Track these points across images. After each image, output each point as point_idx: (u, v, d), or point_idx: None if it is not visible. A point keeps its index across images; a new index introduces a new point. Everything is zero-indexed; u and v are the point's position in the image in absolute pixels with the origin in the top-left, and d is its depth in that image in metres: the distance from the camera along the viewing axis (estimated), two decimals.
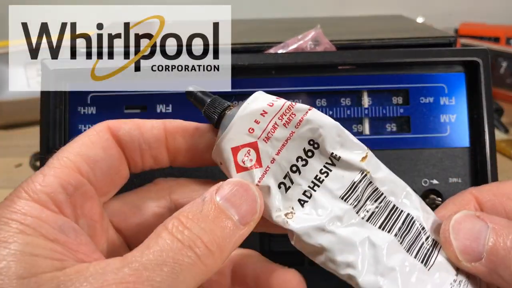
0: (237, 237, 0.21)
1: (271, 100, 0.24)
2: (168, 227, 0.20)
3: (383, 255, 0.22)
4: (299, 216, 0.23)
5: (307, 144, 0.24)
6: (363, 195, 0.23)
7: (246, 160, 0.23)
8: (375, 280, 0.22)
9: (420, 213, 0.24)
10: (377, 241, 0.22)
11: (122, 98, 0.36)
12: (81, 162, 0.22)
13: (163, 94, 0.36)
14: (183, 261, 0.19)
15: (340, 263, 0.22)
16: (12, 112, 0.71)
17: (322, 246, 0.23)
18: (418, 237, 0.23)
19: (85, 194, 0.22)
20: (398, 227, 0.23)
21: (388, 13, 0.68)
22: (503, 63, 0.76)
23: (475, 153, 0.36)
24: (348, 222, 0.23)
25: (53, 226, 0.20)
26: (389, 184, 0.24)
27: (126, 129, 0.24)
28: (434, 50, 0.36)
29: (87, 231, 0.22)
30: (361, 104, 0.37)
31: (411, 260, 0.23)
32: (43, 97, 0.35)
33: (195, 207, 0.21)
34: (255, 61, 0.36)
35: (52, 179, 0.21)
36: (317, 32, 0.41)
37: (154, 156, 0.25)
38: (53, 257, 0.19)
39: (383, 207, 0.24)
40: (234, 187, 0.22)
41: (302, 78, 0.37)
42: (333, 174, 0.23)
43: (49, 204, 0.20)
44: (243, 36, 0.45)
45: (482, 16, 0.93)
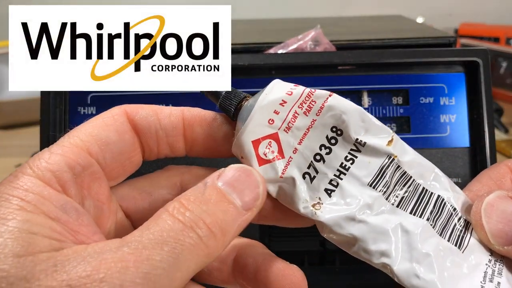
0: (240, 222, 0.21)
1: (289, 88, 0.23)
2: (169, 209, 0.20)
3: (417, 241, 0.22)
4: (327, 206, 0.23)
5: (329, 131, 0.23)
6: (392, 181, 0.23)
7: (267, 152, 0.23)
8: (411, 267, 0.21)
9: (450, 193, 0.24)
10: (409, 227, 0.22)
11: (122, 98, 0.36)
12: (91, 142, 0.22)
13: (163, 94, 0.36)
14: (184, 241, 0.18)
15: (374, 252, 0.22)
16: (12, 112, 0.71)
17: (354, 236, 0.22)
18: (450, 219, 0.23)
19: (93, 174, 0.22)
20: (429, 211, 0.23)
21: (388, 13, 0.68)
22: (503, 63, 0.76)
23: (475, 153, 0.36)
24: (378, 210, 0.22)
25: (55, 204, 0.19)
26: (417, 167, 0.23)
27: (143, 114, 0.24)
28: (434, 50, 0.36)
29: (93, 212, 0.22)
30: (361, 104, 0.37)
31: (445, 243, 0.22)
32: (43, 97, 0.35)
33: (197, 191, 0.21)
34: (255, 61, 0.36)
35: (59, 157, 0.20)
36: (317, 32, 0.41)
37: (171, 144, 0.24)
38: (52, 236, 0.18)
39: (412, 191, 0.23)
40: (236, 172, 0.22)
41: (302, 78, 0.37)
42: (359, 161, 0.23)
43: (52, 182, 0.20)
44: (243, 36, 0.45)
45: (482, 16, 0.93)
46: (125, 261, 0.17)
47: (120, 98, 0.36)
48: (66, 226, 0.19)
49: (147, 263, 0.17)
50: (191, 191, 0.21)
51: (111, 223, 0.23)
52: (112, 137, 0.22)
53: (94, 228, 0.20)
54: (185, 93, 0.36)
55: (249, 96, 0.24)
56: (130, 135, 0.23)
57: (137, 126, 0.23)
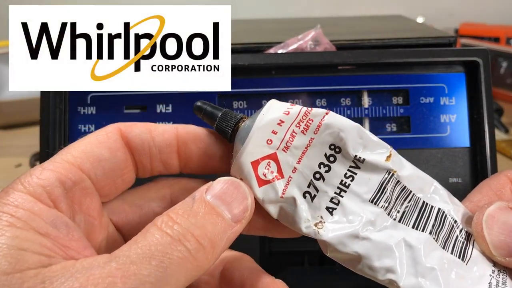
0: (230, 234, 0.21)
1: (286, 108, 0.23)
2: (157, 223, 0.20)
3: (421, 255, 0.22)
4: (330, 225, 0.22)
5: (328, 149, 0.23)
6: (392, 196, 0.23)
7: (267, 173, 0.23)
8: (417, 282, 0.21)
9: (450, 206, 0.24)
10: (413, 242, 0.22)
11: (122, 98, 0.36)
12: (83, 158, 0.22)
13: (163, 94, 0.36)
14: (172, 254, 0.18)
15: (379, 268, 0.22)
16: (12, 112, 0.71)
17: (358, 253, 0.22)
18: (452, 231, 0.23)
19: (84, 190, 0.22)
20: (431, 224, 0.23)
21: (388, 13, 0.68)
22: (503, 63, 0.76)
23: (475, 153, 0.36)
24: (381, 226, 0.22)
25: (45, 220, 0.19)
26: (416, 181, 0.23)
27: (136, 131, 0.24)
28: (434, 50, 0.36)
29: (84, 227, 0.22)
30: (361, 104, 0.37)
31: (448, 256, 0.22)
32: (43, 97, 0.35)
33: (186, 205, 0.21)
34: (255, 61, 0.36)
35: (50, 173, 0.20)
36: (317, 32, 0.41)
37: (164, 161, 0.25)
38: (41, 252, 0.18)
39: (413, 205, 0.23)
40: (224, 184, 0.22)
41: (302, 78, 0.37)
42: (358, 178, 0.23)
43: (43, 197, 0.20)
44: (243, 36, 0.45)
45: (482, 16, 0.93)
46: (112, 277, 0.17)
47: (120, 98, 0.36)
48: (56, 241, 0.19)
49: (134, 278, 0.17)
50: (180, 204, 0.21)
51: (102, 238, 0.23)
52: (104, 154, 0.23)
53: (84, 243, 0.20)
54: (185, 93, 0.36)
55: (246, 117, 0.24)
56: (122, 152, 0.23)
57: (130, 144, 0.24)
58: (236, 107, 0.36)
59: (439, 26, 0.57)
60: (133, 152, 0.24)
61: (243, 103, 0.36)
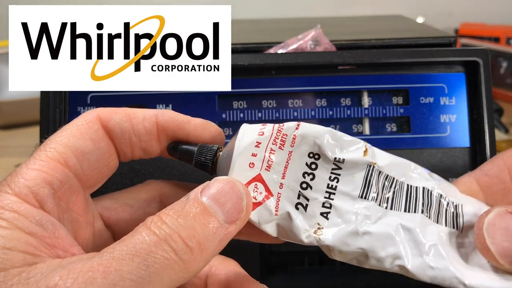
0: (222, 236, 0.20)
1: (259, 130, 0.24)
2: (147, 223, 0.19)
3: (419, 235, 0.22)
4: (328, 229, 0.23)
5: (308, 158, 0.24)
6: (379, 187, 0.24)
7: (256, 195, 0.23)
8: (423, 261, 0.22)
9: (433, 182, 0.25)
10: (409, 224, 0.23)
11: (122, 98, 0.36)
12: (69, 154, 0.22)
13: (163, 94, 0.36)
14: (156, 253, 0.18)
15: (385, 258, 0.22)
16: (12, 112, 0.71)
17: (363, 249, 0.23)
18: (440, 205, 0.24)
19: (71, 188, 0.22)
20: (421, 204, 0.24)
21: (388, 13, 0.68)
22: (503, 63, 0.76)
23: (475, 153, 0.36)
24: (376, 217, 0.23)
25: (31, 220, 0.19)
26: (396, 167, 0.24)
27: (116, 119, 0.24)
28: (434, 50, 0.36)
29: (70, 225, 0.22)
30: (361, 104, 0.37)
31: (444, 229, 0.23)
32: (43, 97, 0.35)
33: (178, 206, 0.20)
34: (255, 61, 0.36)
35: (36, 173, 0.20)
36: (317, 32, 0.41)
37: (144, 148, 0.25)
38: (26, 250, 0.18)
39: (399, 191, 0.24)
40: (220, 184, 0.21)
41: (302, 78, 0.37)
42: (343, 178, 0.23)
43: (29, 198, 0.20)
44: (243, 36, 0.45)
45: (482, 16, 0.93)
46: (93, 271, 0.17)
47: (120, 98, 0.36)
48: (42, 240, 0.19)
49: (115, 274, 0.17)
50: (173, 205, 0.21)
51: (89, 234, 0.23)
52: (88, 146, 0.22)
53: (71, 241, 0.20)
54: (185, 93, 0.36)
55: (221, 146, 0.25)
56: (105, 142, 0.23)
57: (111, 133, 0.24)
58: (236, 107, 0.36)
59: (439, 26, 0.57)
60: (114, 140, 0.24)
61: (243, 103, 0.36)
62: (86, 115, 0.23)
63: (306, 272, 0.39)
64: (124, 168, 0.34)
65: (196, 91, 0.36)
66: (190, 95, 0.36)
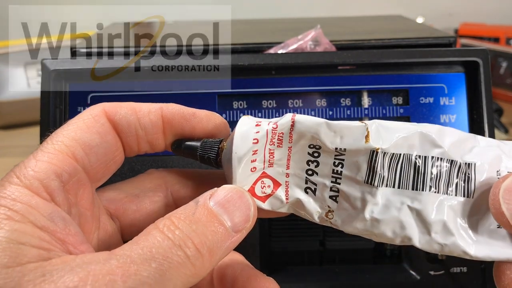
0: (229, 244, 0.21)
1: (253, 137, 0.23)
2: (159, 226, 0.20)
3: (427, 214, 0.22)
4: (338, 212, 0.24)
5: (309, 149, 0.24)
6: (384, 169, 0.23)
7: (265, 189, 0.24)
8: (430, 239, 0.22)
9: (442, 148, 0.23)
10: (416, 205, 0.23)
11: (122, 98, 0.36)
12: (76, 147, 0.21)
13: (163, 94, 0.36)
14: (172, 259, 0.19)
15: (394, 238, 0.23)
16: (12, 112, 0.71)
17: (372, 232, 0.23)
18: (451, 173, 0.23)
19: (79, 181, 0.22)
20: (429, 178, 0.23)
21: (388, 13, 0.68)
22: (503, 63, 0.76)
23: None
24: (382, 202, 0.23)
25: (43, 213, 0.19)
26: (402, 142, 0.23)
27: (122, 113, 0.23)
28: (434, 50, 0.36)
29: (78, 219, 0.22)
30: (361, 104, 0.37)
31: (454, 200, 0.23)
32: (43, 97, 0.35)
33: (188, 210, 0.21)
34: (255, 61, 0.36)
35: (46, 165, 0.20)
36: (317, 32, 0.41)
37: (150, 141, 0.25)
38: (40, 246, 0.18)
39: (406, 167, 0.23)
40: (228, 193, 0.22)
41: (302, 78, 0.37)
42: (347, 163, 0.23)
43: (40, 191, 0.20)
44: (243, 36, 0.45)
45: (482, 16, 0.93)
46: (113, 274, 0.17)
47: (120, 98, 0.36)
48: (53, 235, 0.19)
49: (134, 278, 0.17)
50: (182, 209, 0.21)
51: (95, 229, 0.23)
52: (95, 139, 0.22)
53: (81, 238, 0.20)
54: (185, 93, 0.36)
55: (224, 139, 0.25)
56: (112, 136, 0.23)
57: (117, 127, 0.23)
58: (236, 107, 0.36)
59: (439, 26, 0.57)
60: (120, 134, 0.24)
61: (243, 103, 0.36)
62: (92, 110, 0.23)
63: (306, 272, 0.39)
64: (124, 167, 0.34)
65: (196, 91, 0.36)
66: (190, 95, 0.36)
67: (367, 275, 0.37)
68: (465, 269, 0.36)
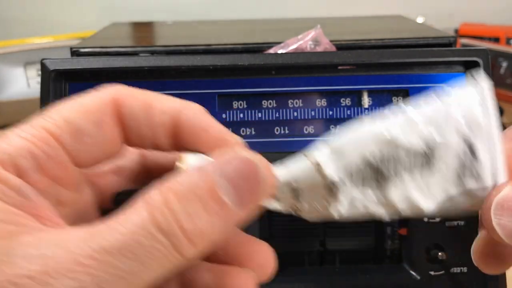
0: (230, 224, 0.18)
1: None
2: (149, 201, 0.17)
3: (390, 203, 0.22)
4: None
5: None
6: (345, 185, 0.22)
7: None
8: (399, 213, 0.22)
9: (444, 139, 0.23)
10: (376, 202, 0.22)
11: None
12: (64, 130, 0.20)
13: (163, 94, 0.36)
14: (153, 247, 0.16)
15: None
16: (12, 112, 0.71)
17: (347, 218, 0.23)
18: (408, 151, 0.22)
19: (60, 163, 0.20)
20: (387, 170, 0.22)
21: (388, 13, 0.68)
22: (503, 63, 0.76)
23: None
24: (345, 207, 0.23)
25: (12, 188, 0.18)
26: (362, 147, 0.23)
27: (132, 107, 0.21)
28: (434, 50, 0.36)
29: (55, 199, 0.20)
30: (361, 104, 0.37)
31: (408, 178, 0.22)
32: (43, 97, 0.35)
33: (187, 183, 0.18)
34: (255, 61, 0.36)
35: (23, 141, 0.19)
36: (317, 32, 0.41)
37: (155, 144, 0.22)
38: (8, 220, 0.17)
39: (363, 171, 0.22)
40: (239, 164, 0.18)
41: (302, 78, 0.37)
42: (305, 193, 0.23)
43: (10, 166, 0.18)
44: (243, 36, 0.45)
45: (482, 16, 0.93)
46: (86, 266, 0.16)
47: None
48: (24, 210, 0.18)
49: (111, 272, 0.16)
50: (179, 181, 0.18)
51: (73, 203, 0.21)
52: (90, 129, 0.20)
53: (54, 212, 0.19)
54: (185, 93, 0.36)
55: None
56: (110, 129, 0.21)
57: (123, 122, 0.21)
58: (236, 107, 0.36)
59: (439, 26, 0.57)
60: (123, 127, 0.21)
61: (243, 103, 0.36)
62: (101, 93, 0.21)
63: (306, 272, 0.39)
64: None
65: (196, 91, 0.36)
66: (190, 95, 0.36)
67: (367, 275, 0.37)
68: (465, 269, 0.36)
